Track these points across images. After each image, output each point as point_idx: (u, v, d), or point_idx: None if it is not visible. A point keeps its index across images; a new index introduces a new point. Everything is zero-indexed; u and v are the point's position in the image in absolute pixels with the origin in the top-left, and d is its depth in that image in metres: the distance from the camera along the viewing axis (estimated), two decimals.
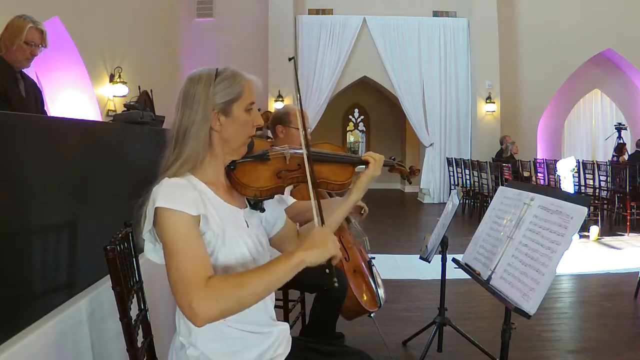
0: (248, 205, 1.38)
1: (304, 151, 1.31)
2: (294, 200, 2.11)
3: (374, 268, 2.73)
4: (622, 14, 10.35)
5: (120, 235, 1.39)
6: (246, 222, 1.33)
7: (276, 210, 1.46)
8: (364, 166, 1.51)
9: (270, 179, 1.35)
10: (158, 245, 1.22)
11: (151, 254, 1.27)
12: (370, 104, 13.69)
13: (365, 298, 2.56)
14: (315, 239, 1.18)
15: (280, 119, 2.47)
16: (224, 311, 1.11)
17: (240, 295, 1.11)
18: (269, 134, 2.63)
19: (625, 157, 8.88)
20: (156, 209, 1.16)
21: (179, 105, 1.27)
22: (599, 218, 6.89)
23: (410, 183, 1.75)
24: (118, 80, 7.00)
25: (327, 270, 1.18)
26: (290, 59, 1.39)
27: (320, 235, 1.19)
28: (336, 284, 1.17)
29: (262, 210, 1.39)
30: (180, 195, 1.17)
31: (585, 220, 1.78)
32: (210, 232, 1.21)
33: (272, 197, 1.38)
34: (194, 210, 1.17)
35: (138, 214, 1.24)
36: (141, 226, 1.23)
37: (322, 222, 1.25)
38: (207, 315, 1.09)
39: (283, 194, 1.41)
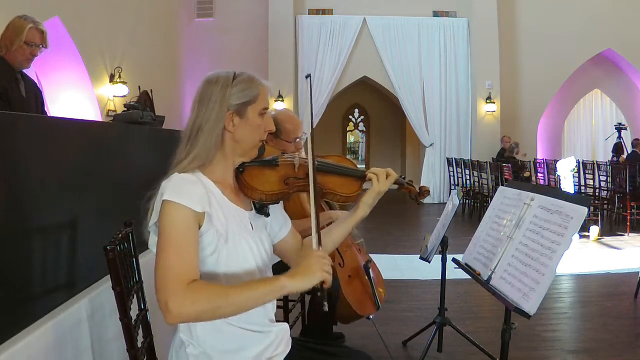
0: (254, 209, 1.39)
1: (310, 162, 1.31)
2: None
3: (370, 271, 2.69)
4: (622, 14, 10.36)
5: (120, 235, 1.39)
6: (251, 225, 1.34)
7: (281, 217, 1.47)
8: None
9: (278, 184, 1.37)
10: None
11: (155, 247, 1.26)
12: (370, 104, 13.70)
13: (361, 304, 2.51)
14: (303, 266, 1.19)
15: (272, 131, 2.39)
16: (198, 315, 1.13)
17: (217, 304, 1.12)
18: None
19: (625, 156, 8.89)
20: (163, 201, 1.18)
21: (195, 104, 1.30)
22: (599, 218, 6.89)
23: (418, 204, 1.72)
24: (118, 80, 7.01)
25: (318, 294, 1.18)
26: (307, 77, 1.43)
27: (309, 263, 1.19)
28: (326, 309, 1.17)
29: (267, 214, 1.40)
30: (187, 190, 1.19)
31: (585, 220, 1.78)
32: (214, 230, 1.23)
33: (277, 202, 1.39)
34: (198, 207, 1.19)
35: (145, 208, 1.26)
36: (147, 219, 1.25)
37: (320, 244, 1.25)
38: (179, 315, 1.10)
39: (289, 200, 1.42)
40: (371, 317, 2.59)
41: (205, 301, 1.11)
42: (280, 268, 2.20)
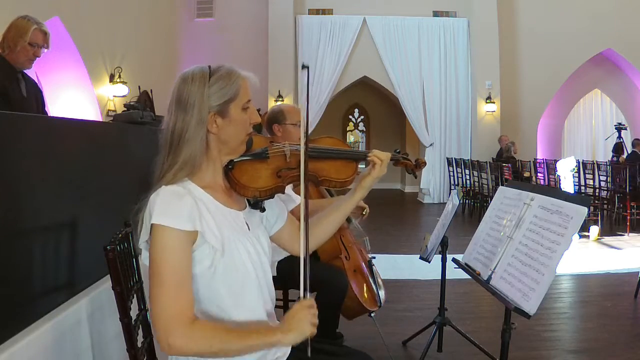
0: (248, 205, 1.35)
1: (301, 150, 1.26)
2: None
3: (374, 268, 2.73)
4: (622, 14, 10.35)
5: (120, 235, 1.39)
6: (247, 225, 1.30)
7: (277, 208, 1.43)
8: (363, 165, 1.48)
9: (270, 178, 1.31)
10: None
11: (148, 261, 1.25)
12: (370, 104, 13.69)
13: (365, 297, 2.56)
14: (295, 321, 1.18)
15: (276, 118, 2.47)
16: (197, 354, 1.13)
17: (217, 349, 1.13)
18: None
19: (625, 156, 8.89)
20: (152, 225, 1.13)
21: (172, 108, 1.22)
22: (599, 218, 6.88)
23: (415, 177, 1.71)
24: (118, 80, 7.01)
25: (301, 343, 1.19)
26: (303, 67, 1.31)
27: (300, 318, 1.18)
28: (308, 355, 1.19)
29: (263, 210, 1.35)
30: (176, 209, 1.14)
31: (585, 220, 1.78)
32: (207, 245, 1.18)
33: (272, 197, 1.34)
34: (189, 226, 1.14)
35: (135, 221, 1.22)
36: (138, 233, 1.21)
37: (306, 291, 1.21)
38: (179, 352, 1.12)
39: (283, 193, 1.36)
40: (372, 315, 2.60)
41: (206, 344, 1.11)
42: (286, 265, 2.22)
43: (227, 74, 1.23)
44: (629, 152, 8.84)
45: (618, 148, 9.22)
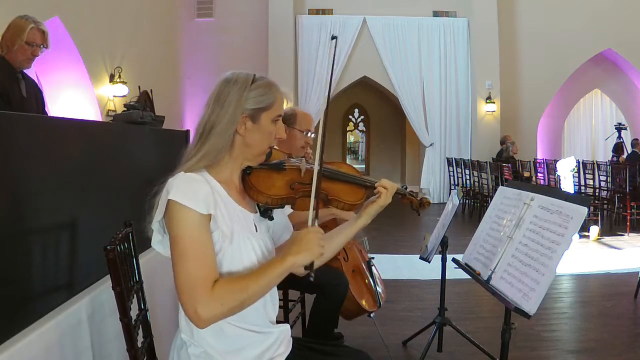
0: (258, 212, 1.39)
1: (315, 166, 1.30)
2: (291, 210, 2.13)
3: (373, 268, 2.73)
4: (622, 14, 10.35)
5: (120, 235, 1.39)
6: (255, 227, 1.35)
7: (284, 222, 1.48)
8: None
9: (284, 188, 1.38)
10: (166, 236, 1.25)
11: (158, 245, 1.29)
12: (370, 104, 13.69)
13: (364, 298, 2.56)
14: (302, 243, 1.21)
15: (286, 119, 2.46)
16: (226, 313, 1.17)
17: (242, 299, 1.17)
18: None
19: (625, 156, 8.89)
20: (168, 200, 1.18)
21: (210, 102, 1.29)
22: (599, 218, 6.89)
23: (419, 214, 1.73)
24: (118, 80, 7.00)
25: (305, 267, 1.22)
26: (332, 38, 1.39)
27: (309, 239, 1.22)
28: (312, 279, 1.22)
29: (271, 218, 1.41)
30: (193, 191, 1.19)
31: (585, 220, 1.78)
32: (219, 232, 1.23)
33: (282, 206, 1.40)
34: (204, 209, 1.19)
35: (150, 204, 1.26)
36: (152, 215, 1.25)
37: (316, 218, 1.27)
38: (211, 319, 1.15)
39: (294, 204, 1.43)
40: (372, 315, 2.60)
41: (231, 299, 1.16)
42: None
43: (267, 84, 1.32)
44: (629, 152, 8.84)
45: (618, 148, 9.23)
